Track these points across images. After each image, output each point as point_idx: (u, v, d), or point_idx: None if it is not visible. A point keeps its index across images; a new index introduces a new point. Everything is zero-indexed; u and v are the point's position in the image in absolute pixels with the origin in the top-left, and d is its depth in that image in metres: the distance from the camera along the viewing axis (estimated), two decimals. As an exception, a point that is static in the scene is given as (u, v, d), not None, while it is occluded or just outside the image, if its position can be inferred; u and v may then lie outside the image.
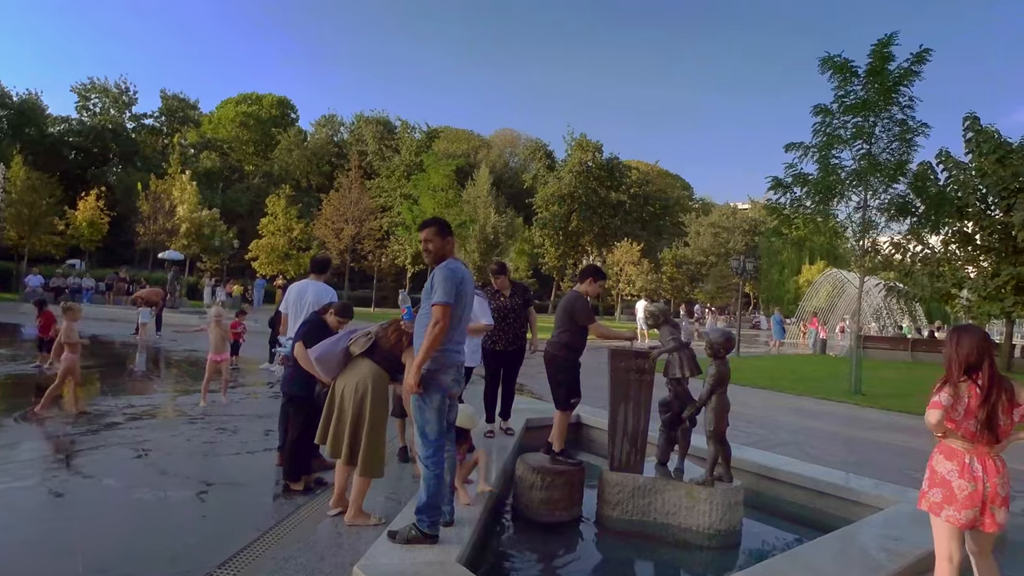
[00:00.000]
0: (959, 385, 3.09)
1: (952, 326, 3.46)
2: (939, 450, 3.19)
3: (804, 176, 12.84)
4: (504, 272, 6.25)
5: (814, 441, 8.20)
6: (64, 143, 54.55)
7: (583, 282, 5.26)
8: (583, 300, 5.19)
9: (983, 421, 3.01)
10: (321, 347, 4.44)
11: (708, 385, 4.84)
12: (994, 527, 3.05)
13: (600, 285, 5.30)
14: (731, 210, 63.56)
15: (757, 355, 22.51)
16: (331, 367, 4.39)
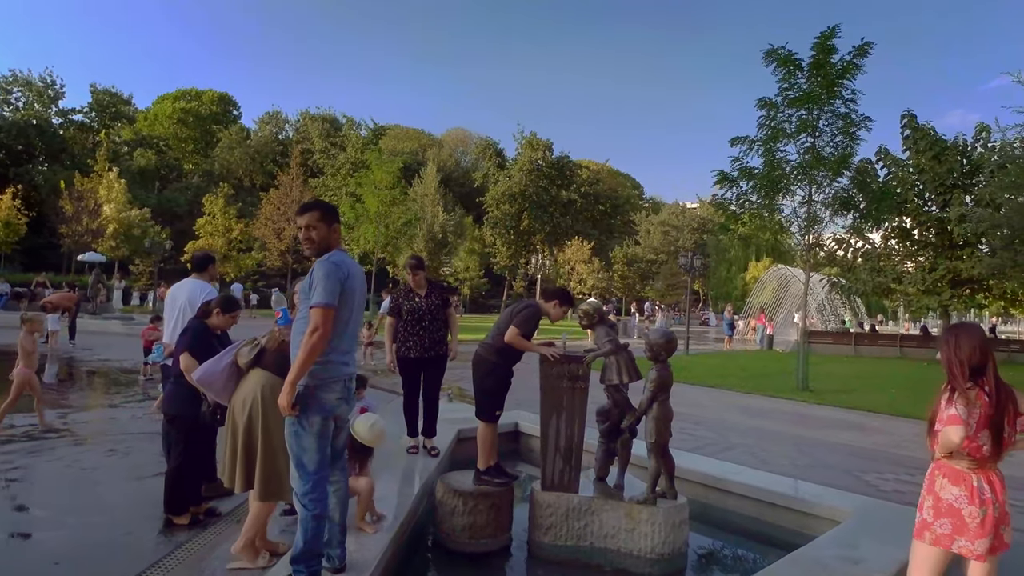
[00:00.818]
0: (968, 393, 2.60)
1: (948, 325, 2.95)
2: (941, 473, 2.70)
3: (750, 170, 12.63)
4: (421, 268, 5.54)
5: (764, 443, 7.86)
6: (-16, 139, 51.04)
7: (548, 301, 4.66)
8: (534, 313, 4.57)
9: (994, 434, 2.55)
10: (203, 369, 3.76)
11: (648, 392, 4.33)
12: (1003, 548, 2.62)
13: (564, 311, 4.68)
14: (680, 209, 64.36)
15: (707, 352, 22.47)
16: (218, 388, 3.72)
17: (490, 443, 4.59)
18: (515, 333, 4.42)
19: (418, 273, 5.49)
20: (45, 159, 53.69)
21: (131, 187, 47.98)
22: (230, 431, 3.63)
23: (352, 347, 3.23)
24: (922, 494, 2.78)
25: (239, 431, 3.56)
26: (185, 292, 5.01)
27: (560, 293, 4.71)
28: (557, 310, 4.64)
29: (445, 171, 59.08)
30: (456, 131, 75.45)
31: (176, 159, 61.52)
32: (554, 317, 4.67)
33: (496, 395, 4.58)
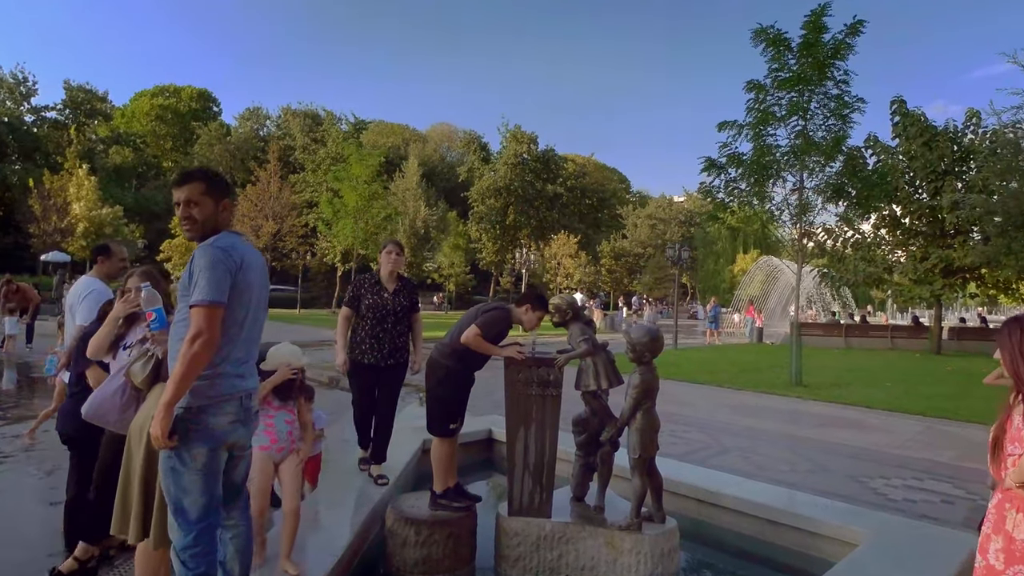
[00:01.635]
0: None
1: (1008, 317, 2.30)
2: (1015, 507, 2.08)
3: (739, 156, 12.05)
4: (398, 245, 4.79)
5: (759, 445, 7.28)
6: (-49, 138, 49.53)
7: (520, 306, 3.97)
8: (502, 318, 3.92)
9: None
10: (91, 401, 3.04)
11: (631, 399, 3.72)
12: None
13: (539, 317, 3.98)
14: (667, 202, 63.94)
15: (696, 347, 21.96)
16: (114, 420, 3.00)
17: (446, 461, 3.96)
18: (475, 333, 3.78)
19: (400, 257, 4.77)
20: (18, 158, 52.31)
21: (107, 185, 46.83)
22: (125, 466, 2.93)
23: (251, 355, 2.58)
24: (984, 532, 2.18)
25: (136, 466, 2.86)
26: (72, 292, 4.30)
27: (533, 297, 4.04)
28: (531, 316, 3.98)
29: (429, 166, 58.26)
30: (441, 126, 74.49)
31: (155, 157, 60.23)
32: (528, 325, 4.01)
33: (451, 405, 3.95)
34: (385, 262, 4.72)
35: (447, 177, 60.16)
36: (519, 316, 3.98)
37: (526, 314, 3.96)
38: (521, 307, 3.98)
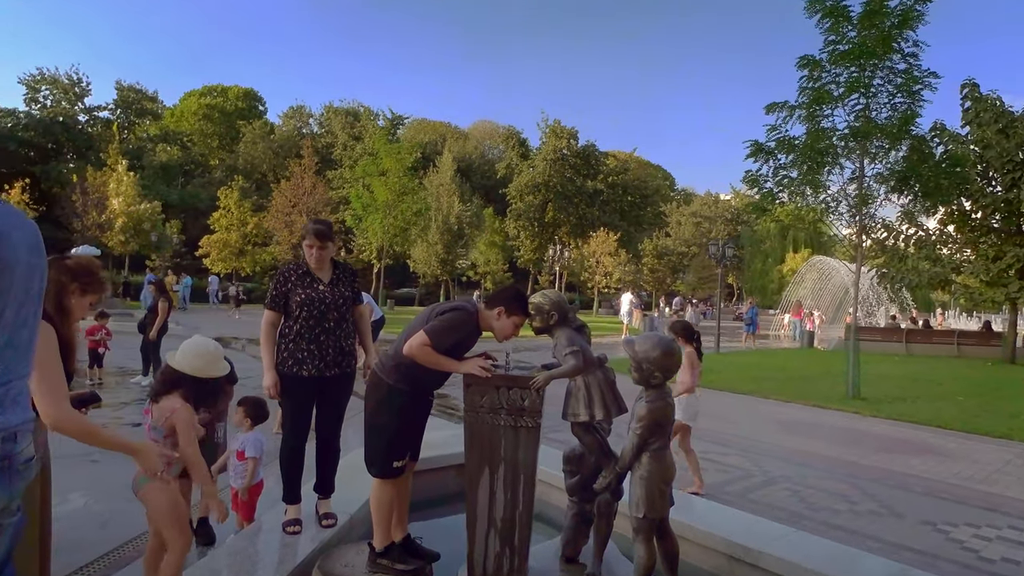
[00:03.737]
0: None
1: None
2: None
3: (790, 140, 10.75)
4: (330, 238, 3.70)
5: (811, 475, 6.11)
6: (12, 138, 51.35)
7: (492, 308, 3.03)
8: (460, 321, 2.96)
9: None
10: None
11: (634, 436, 2.72)
12: None
13: (516, 324, 3.01)
14: (713, 200, 61.80)
15: (740, 350, 20.52)
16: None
17: (388, 510, 3.02)
18: (421, 343, 2.83)
19: (325, 245, 3.65)
20: (72, 156, 53.94)
21: (154, 182, 47.87)
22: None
23: (17, 367, 1.66)
24: None
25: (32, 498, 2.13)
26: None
27: (509, 296, 3.05)
28: (504, 322, 2.98)
29: (467, 162, 57.63)
30: (482, 123, 73.92)
31: (201, 155, 61.34)
32: (501, 333, 3.01)
33: (394, 436, 3.00)
34: (307, 256, 3.71)
35: (486, 174, 59.46)
36: (489, 321, 3.00)
37: (499, 319, 2.97)
38: (492, 309, 2.99)
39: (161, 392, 2.79)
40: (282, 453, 3.67)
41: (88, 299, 2.51)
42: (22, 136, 51.30)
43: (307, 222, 3.87)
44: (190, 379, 2.79)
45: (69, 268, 2.38)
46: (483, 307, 3.04)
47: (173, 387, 2.78)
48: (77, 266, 2.42)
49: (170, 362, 2.80)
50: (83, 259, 2.49)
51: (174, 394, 2.79)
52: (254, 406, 3.74)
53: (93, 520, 4.50)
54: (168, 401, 2.79)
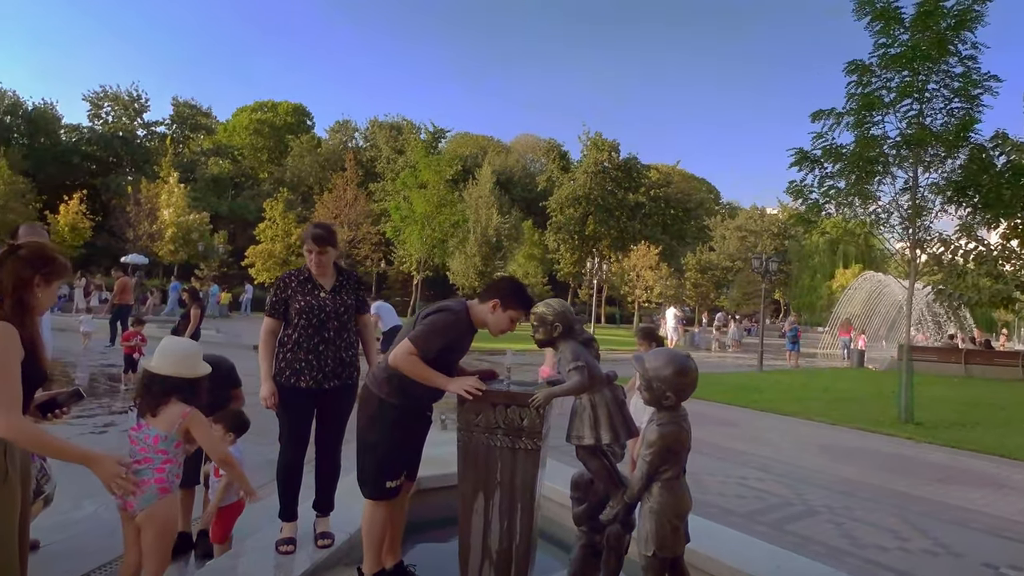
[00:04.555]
0: None
1: None
2: None
3: (837, 148, 10.23)
4: (331, 243, 3.50)
5: (857, 506, 5.64)
6: (76, 151, 53.95)
7: (486, 301, 2.83)
8: (446, 324, 2.75)
9: None
10: None
11: (643, 464, 2.43)
12: None
13: (512, 317, 2.83)
14: (759, 213, 60.31)
15: (784, 368, 19.72)
16: None
17: (379, 533, 2.80)
18: (406, 352, 2.62)
19: (325, 250, 3.47)
20: (131, 168, 56.31)
21: (205, 194, 49.48)
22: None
23: None
24: None
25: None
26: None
27: (505, 289, 2.83)
28: (499, 316, 2.77)
29: (508, 175, 57.73)
30: (525, 137, 74.21)
31: (251, 168, 63.17)
32: (495, 328, 2.80)
33: (387, 455, 2.78)
34: (308, 262, 3.54)
35: (527, 187, 59.46)
36: (482, 316, 2.77)
37: (493, 313, 2.75)
38: (487, 303, 2.76)
39: (156, 403, 2.62)
40: (279, 467, 3.50)
41: (55, 286, 2.37)
42: (85, 150, 53.90)
43: (308, 227, 3.70)
44: (181, 383, 2.63)
45: (26, 259, 2.21)
46: (475, 301, 2.81)
47: (167, 395, 2.62)
48: (34, 255, 2.24)
49: (152, 369, 2.63)
50: (35, 245, 2.31)
51: (173, 400, 2.62)
52: (232, 418, 3.56)
53: (102, 528, 4.40)
54: (172, 408, 2.62)
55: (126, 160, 55.88)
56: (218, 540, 3.52)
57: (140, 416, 2.61)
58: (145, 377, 2.61)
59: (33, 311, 2.28)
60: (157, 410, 2.56)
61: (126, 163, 56.07)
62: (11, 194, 29.63)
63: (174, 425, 2.54)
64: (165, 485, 2.55)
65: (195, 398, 2.65)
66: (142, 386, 2.61)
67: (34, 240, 2.37)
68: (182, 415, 2.55)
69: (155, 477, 2.52)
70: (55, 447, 2.20)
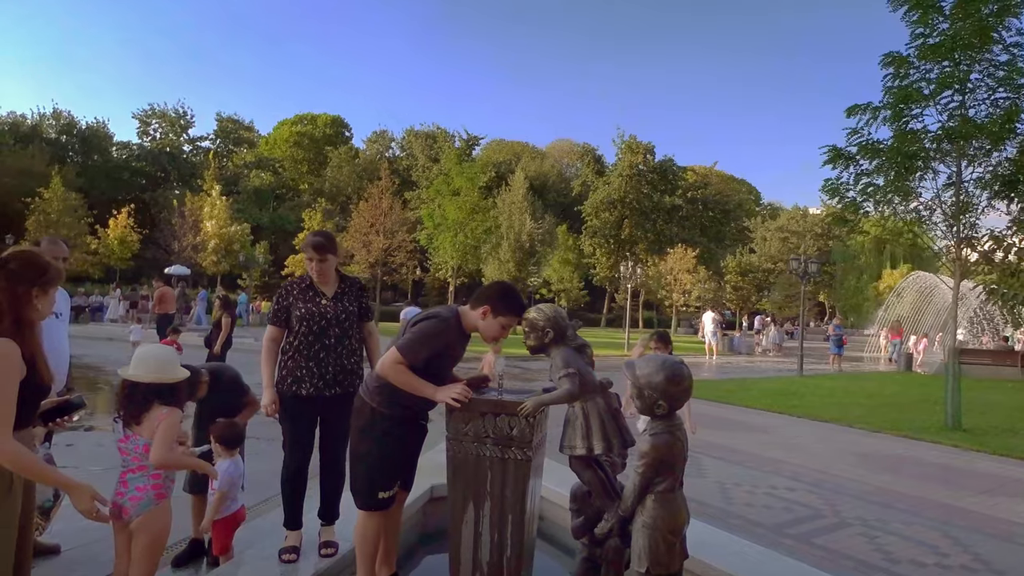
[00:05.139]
0: None
1: None
2: None
3: (874, 144, 9.84)
4: (331, 251, 3.48)
5: (893, 518, 5.36)
6: (127, 167, 56.21)
7: (476, 308, 2.75)
8: (434, 331, 2.68)
9: None
10: None
11: (636, 476, 2.33)
12: None
13: (503, 324, 2.73)
14: (801, 214, 58.80)
15: (826, 373, 19.07)
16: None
17: (372, 543, 2.75)
18: (393, 361, 2.57)
19: (325, 258, 3.45)
20: (177, 182, 58.38)
21: (247, 205, 50.89)
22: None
23: None
24: None
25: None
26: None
27: (495, 294, 2.75)
28: (491, 322, 2.69)
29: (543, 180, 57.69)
30: (560, 142, 74.21)
31: (292, 179, 64.65)
32: (487, 334, 2.73)
33: (378, 465, 2.73)
34: (308, 270, 3.54)
35: (562, 192, 59.30)
36: (474, 323, 2.70)
37: (484, 319, 2.68)
38: (477, 309, 2.69)
39: (139, 411, 2.63)
40: (282, 476, 3.50)
41: (52, 293, 2.35)
42: (135, 166, 56.16)
43: (311, 233, 3.70)
44: (161, 388, 2.62)
45: (20, 273, 2.18)
46: (467, 307, 2.75)
47: (148, 401, 2.61)
48: (26, 267, 2.21)
49: (131, 377, 2.62)
50: (24, 255, 2.27)
51: (154, 406, 2.62)
52: (223, 430, 3.54)
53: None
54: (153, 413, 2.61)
55: (173, 174, 57.98)
56: (219, 552, 3.52)
57: (125, 427, 2.62)
58: (125, 387, 2.61)
59: (33, 325, 2.27)
60: (141, 418, 2.56)
61: (173, 177, 58.17)
62: (65, 210, 30.96)
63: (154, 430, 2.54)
64: (162, 491, 2.55)
65: (175, 402, 2.65)
66: (123, 396, 2.62)
67: (21, 250, 2.34)
68: (159, 418, 2.55)
69: (151, 484, 2.53)
70: (37, 471, 2.21)
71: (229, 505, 3.50)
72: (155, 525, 2.50)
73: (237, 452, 3.66)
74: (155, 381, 2.58)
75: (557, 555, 3.91)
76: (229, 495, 3.51)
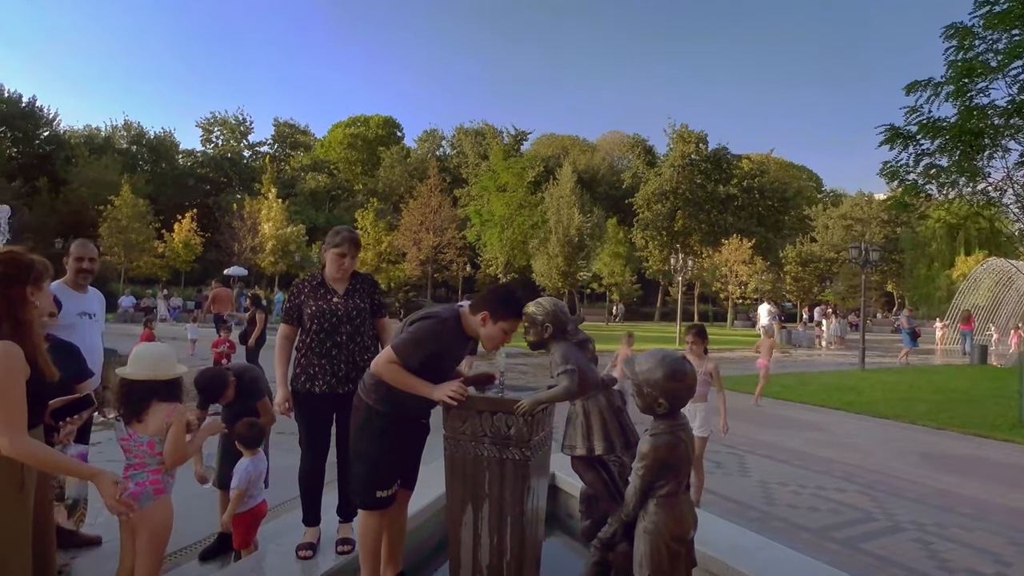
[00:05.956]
0: None
1: None
2: None
3: (935, 122, 9.24)
4: (353, 245, 3.46)
5: (952, 523, 4.99)
6: (192, 174, 58.80)
7: (476, 313, 2.64)
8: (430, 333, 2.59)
9: None
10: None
11: (635, 479, 2.20)
12: None
13: (503, 329, 2.60)
14: (866, 200, 56.09)
15: (891, 367, 18.12)
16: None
17: (373, 543, 2.71)
18: (387, 360, 2.52)
19: (356, 255, 3.45)
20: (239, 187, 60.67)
21: (304, 207, 52.39)
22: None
23: None
24: None
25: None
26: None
27: (495, 298, 2.64)
28: (491, 329, 2.58)
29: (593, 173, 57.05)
30: (611, 134, 73.23)
31: (347, 181, 66.17)
32: (489, 342, 2.62)
33: (376, 464, 2.68)
34: (329, 264, 3.49)
35: (614, 184, 58.50)
36: (473, 328, 2.61)
37: (484, 326, 2.58)
38: (476, 314, 2.59)
39: (138, 409, 2.64)
40: (299, 473, 3.51)
41: (46, 286, 2.36)
42: (199, 172, 58.61)
43: (338, 228, 3.68)
44: (159, 385, 2.63)
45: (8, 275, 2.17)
46: (467, 311, 2.66)
47: (146, 399, 2.62)
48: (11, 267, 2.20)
49: (128, 376, 2.64)
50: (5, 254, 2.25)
51: (154, 403, 2.63)
52: (245, 429, 3.56)
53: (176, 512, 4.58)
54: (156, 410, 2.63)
55: (234, 179, 60.24)
56: (239, 546, 3.57)
57: (126, 425, 2.65)
58: (123, 386, 2.64)
59: (31, 324, 2.29)
60: (142, 416, 2.59)
61: (234, 182, 60.45)
62: (134, 216, 32.57)
63: (163, 427, 2.56)
64: (160, 487, 2.57)
65: (173, 399, 2.66)
66: (121, 395, 2.64)
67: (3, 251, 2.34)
68: (167, 414, 2.58)
69: (150, 479, 2.55)
70: (57, 464, 2.25)
71: (248, 501, 3.54)
72: (154, 519, 2.52)
73: (259, 450, 3.71)
74: (150, 379, 2.60)
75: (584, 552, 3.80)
76: (248, 492, 3.56)
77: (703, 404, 4.81)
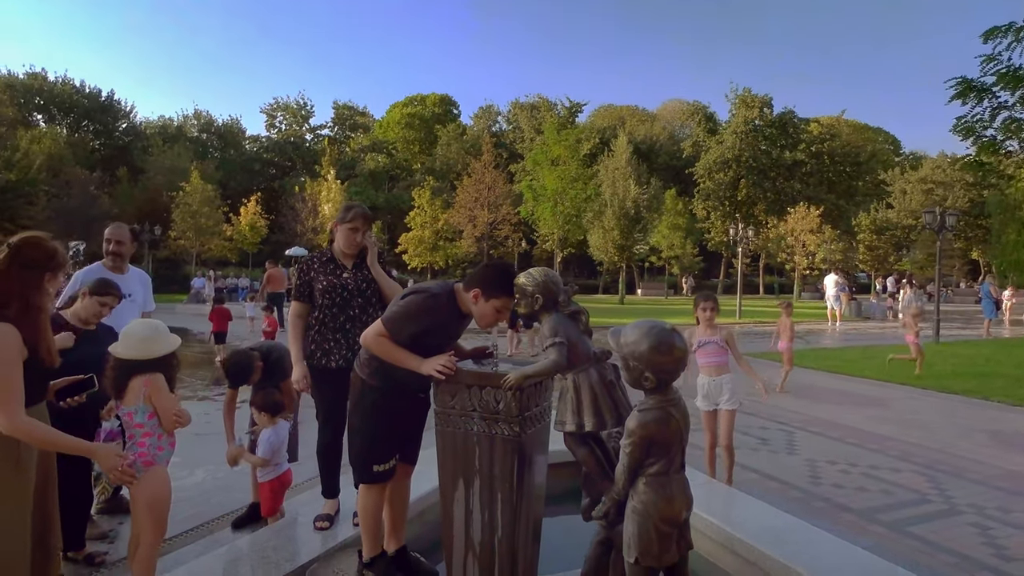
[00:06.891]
0: None
1: None
2: None
3: (1017, 71, 8.42)
4: (365, 221, 3.46)
5: (1018, 507, 4.60)
6: (257, 159, 60.92)
7: (469, 290, 2.54)
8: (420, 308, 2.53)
9: None
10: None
11: (623, 457, 2.08)
12: None
13: (496, 307, 2.51)
14: (948, 162, 52.35)
15: (970, 339, 16.97)
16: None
17: (373, 517, 2.71)
18: (376, 333, 2.48)
19: (367, 229, 3.47)
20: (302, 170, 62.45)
21: (364, 188, 53.42)
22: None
23: None
24: None
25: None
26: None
27: (488, 276, 2.54)
28: (483, 306, 2.50)
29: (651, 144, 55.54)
30: (671, 103, 71.01)
31: (405, 160, 67.00)
32: (482, 320, 2.55)
33: (371, 438, 2.66)
34: (341, 238, 3.47)
35: (674, 154, 56.84)
36: (467, 305, 2.53)
37: (476, 304, 2.49)
38: (468, 292, 2.51)
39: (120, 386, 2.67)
40: (318, 447, 3.56)
41: (61, 274, 2.47)
42: (265, 157, 60.59)
43: (349, 204, 3.67)
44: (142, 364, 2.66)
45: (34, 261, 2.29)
46: (461, 288, 2.58)
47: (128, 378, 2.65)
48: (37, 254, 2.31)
49: (115, 354, 2.69)
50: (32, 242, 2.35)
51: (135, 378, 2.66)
52: (262, 398, 3.67)
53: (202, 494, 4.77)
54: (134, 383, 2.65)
55: (297, 163, 62.01)
56: (267, 514, 3.67)
57: (115, 400, 2.73)
58: (112, 362, 2.69)
59: (41, 309, 2.37)
60: (123, 392, 2.64)
61: (298, 166, 62.23)
62: (204, 201, 34.08)
63: (139, 397, 2.60)
64: (148, 458, 2.61)
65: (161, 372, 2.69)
66: (108, 371, 2.69)
67: (29, 235, 2.45)
68: (144, 384, 2.61)
69: (137, 452, 2.60)
70: (53, 441, 2.33)
71: (273, 469, 3.64)
72: (146, 489, 2.57)
73: (279, 419, 3.80)
74: (134, 357, 2.63)
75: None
76: (273, 460, 3.66)
77: (728, 375, 4.59)
